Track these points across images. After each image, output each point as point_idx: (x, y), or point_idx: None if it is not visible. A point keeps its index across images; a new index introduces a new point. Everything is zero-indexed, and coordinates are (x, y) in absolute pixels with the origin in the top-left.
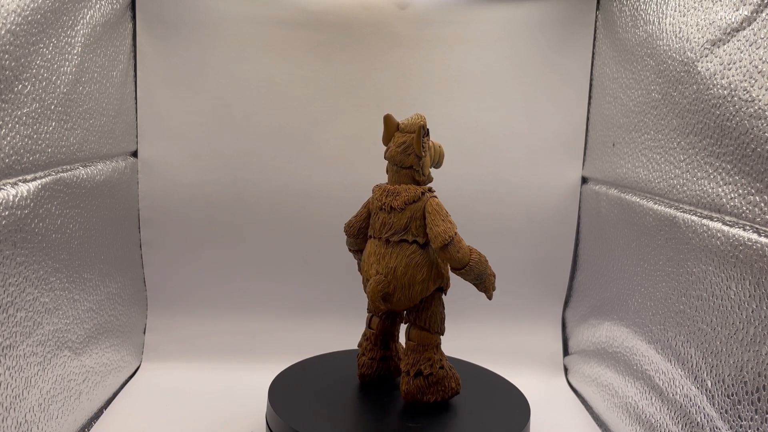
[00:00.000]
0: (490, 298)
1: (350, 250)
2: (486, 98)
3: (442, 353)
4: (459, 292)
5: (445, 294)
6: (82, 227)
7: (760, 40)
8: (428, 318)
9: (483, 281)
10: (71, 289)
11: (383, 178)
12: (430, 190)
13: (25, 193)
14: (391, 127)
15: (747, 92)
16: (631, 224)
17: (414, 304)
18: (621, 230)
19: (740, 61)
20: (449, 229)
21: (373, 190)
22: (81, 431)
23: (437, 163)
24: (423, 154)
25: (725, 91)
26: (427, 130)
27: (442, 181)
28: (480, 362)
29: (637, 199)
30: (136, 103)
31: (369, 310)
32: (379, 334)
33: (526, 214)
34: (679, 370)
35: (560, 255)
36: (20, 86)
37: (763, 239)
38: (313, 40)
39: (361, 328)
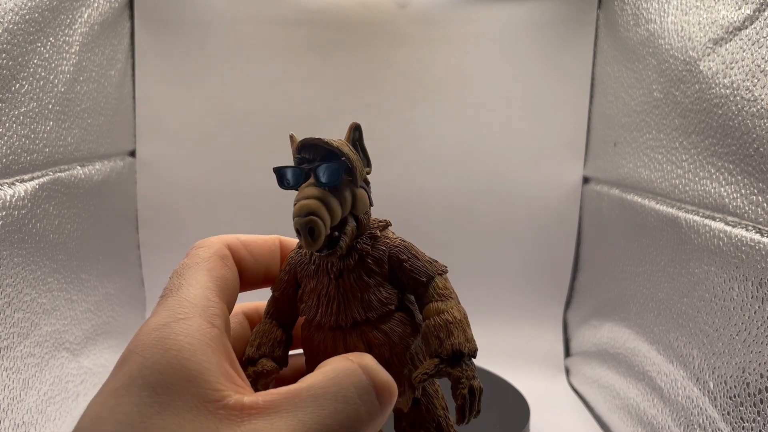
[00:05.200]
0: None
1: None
2: (486, 97)
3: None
4: (458, 291)
5: None
6: (79, 227)
7: (762, 39)
8: None
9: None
10: (69, 289)
11: (383, 178)
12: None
13: (23, 194)
14: None
15: (749, 91)
16: (632, 224)
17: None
18: (623, 230)
19: (742, 60)
20: None
21: None
22: None
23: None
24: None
25: (728, 91)
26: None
27: (443, 182)
28: (480, 363)
29: (639, 199)
30: (134, 102)
31: None
32: None
33: (527, 214)
34: (681, 371)
35: (561, 255)
36: (17, 85)
37: (765, 239)
38: (313, 39)
39: None
